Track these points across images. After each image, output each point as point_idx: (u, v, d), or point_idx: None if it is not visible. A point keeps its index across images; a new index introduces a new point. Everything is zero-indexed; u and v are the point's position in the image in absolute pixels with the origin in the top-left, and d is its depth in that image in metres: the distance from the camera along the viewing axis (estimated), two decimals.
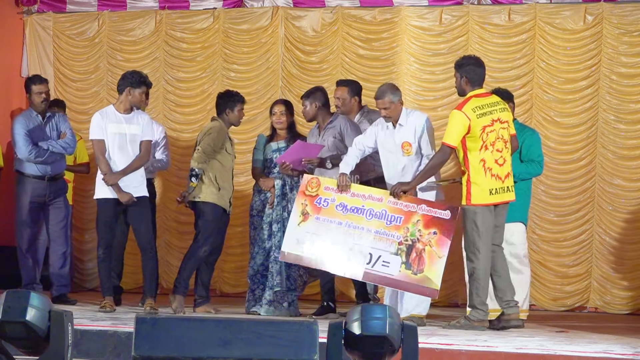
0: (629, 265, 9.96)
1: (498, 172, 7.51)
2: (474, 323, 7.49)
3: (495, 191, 7.51)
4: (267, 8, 10.80)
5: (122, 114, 8.30)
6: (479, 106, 7.51)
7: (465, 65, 7.61)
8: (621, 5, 10.05)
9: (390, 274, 7.49)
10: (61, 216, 9.09)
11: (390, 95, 7.78)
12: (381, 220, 7.58)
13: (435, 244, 7.48)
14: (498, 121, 7.54)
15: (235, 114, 8.47)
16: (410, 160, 7.78)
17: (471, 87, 7.60)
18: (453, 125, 7.46)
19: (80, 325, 6.74)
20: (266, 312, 8.36)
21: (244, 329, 4.28)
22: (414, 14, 10.46)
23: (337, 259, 7.66)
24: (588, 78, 10.10)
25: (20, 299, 4.29)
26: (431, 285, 7.46)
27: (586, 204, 10.07)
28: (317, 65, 10.70)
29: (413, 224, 7.52)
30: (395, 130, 7.81)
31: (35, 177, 8.93)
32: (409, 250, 7.50)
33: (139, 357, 4.21)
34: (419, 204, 7.57)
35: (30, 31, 11.29)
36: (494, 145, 7.50)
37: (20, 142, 8.87)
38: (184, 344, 4.24)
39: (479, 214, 7.49)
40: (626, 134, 10.05)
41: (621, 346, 6.80)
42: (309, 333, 4.26)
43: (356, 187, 7.80)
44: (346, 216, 7.67)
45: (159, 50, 11.06)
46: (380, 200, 7.63)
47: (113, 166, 8.22)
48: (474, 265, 7.56)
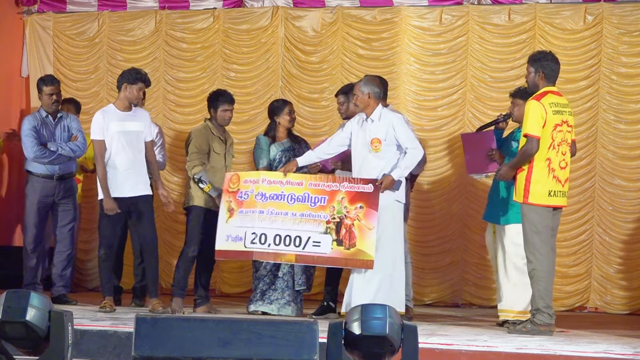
0: (629, 265, 9.97)
1: (559, 175, 7.39)
2: (540, 327, 7.31)
3: (554, 193, 7.38)
4: (267, 8, 10.81)
5: (122, 111, 8.28)
6: (554, 102, 7.39)
7: (542, 60, 7.46)
8: (621, 5, 10.05)
9: (323, 252, 7.67)
10: (69, 218, 9.07)
11: (362, 85, 7.86)
12: (305, 203, 7.75)
13: (363, 217, 7.62)
14: (566, 123, 7.44)
15: (219, 114, 8.41)
16: (376, 157, 7.79)
17: (546, 83, 7.45)
18: (533, 116, 7.29)
19: (80, 325, 6.74)
20: (279, 312, 8.40)
21: (244, 329, 4.27)
22: (414, 14, 10.46)
23: (267, 247, 7.78)
24: (588, 78, 10.10)
25: (20, 299, 4.29)
26: (365, 257, 7.60)
27: (586, 204, 10.07)
28: (317, 65, 10.70)
29: (338, 202, 7.68)
30: (367, 124, 7.85)
31: (44, 176, 8.92)
32: (337, 227, 7.66)
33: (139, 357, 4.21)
34: (341, 182, 7.72)
35: (30, 31, 11.29)
36: (560, 146, 7.39)
37: (27, 142, 8.86)
38: (184, 344, 4.23)
39: (537, 213, 7.36)
40: (626, 134, 10.05)
41: (621, 346, 6.80)
42: (309, 333, 4.26)
43: (292, 175, 7.90)
44: (267, 204, 7.82)
45: (159, 50, 11.06)
46: (300, 185, 7.80)
47: (118, 164, 8.19)
48: (534, 267, 7.38)
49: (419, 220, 10.37)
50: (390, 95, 10.36)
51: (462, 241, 10.28)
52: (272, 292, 8.48)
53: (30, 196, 8.97)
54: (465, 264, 10.26)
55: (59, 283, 9.06)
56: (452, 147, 10.31)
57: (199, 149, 8.31)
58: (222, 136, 8.46)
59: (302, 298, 8.57)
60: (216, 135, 8.40)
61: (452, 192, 10.34)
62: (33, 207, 8.96)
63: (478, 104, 10.26)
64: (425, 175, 10.28)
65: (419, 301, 10.18)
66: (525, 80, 7.67)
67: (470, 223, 10.16)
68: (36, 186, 8.94)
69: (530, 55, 7.63)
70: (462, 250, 10.27)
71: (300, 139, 8.85)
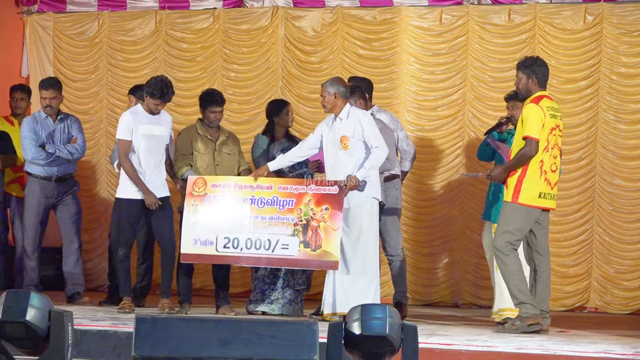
0: (629, 265, 9.97)
1: (550, 178, 7.44)
2: (529, 320, 7.32)
3: (544, 195, 7.43)
4: (267, 8, 10.80)
5: (149, 114, 8.29)
6: (550, 107, 7.47)
7: (534, 66, 7.51)
8: (621, 5, 10.05)
9: (291, 255, 7.79)
10: (72, 211, 9.05)
11: (329, 86, 7.95)
12: (274, 207, 7.87)
13: (328, 219, 7.74)
14: (558, 128, 7.52)
15: (206, 115, 8.40)
16: (346, 154, 7.86)
17: (539, 87, 7.52)
18: (533, 119, 7.34)
19: (80, 325, 6.74)
20: (281, 311, 8.41)
21: (244, 329, 4.28)
22: (414, 14, 10.46)
23: (240, 251, 7.86)
24: (588, 78, 10.10)
25: (20, 299, 4.29)
26: (330, 259, 7.73)
27: (586, 204, 10.08)
28: (317, 65, 10.70)
29: (305, 204, 7.80)
30: (335, 124, 7.95)
31: (42, 177, 8.92)
32: (304, 229, 7.78)
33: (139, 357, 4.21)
34: (308, 185, 7.86)
35: (30, 31, 11.29)
36: (552, 149, 7.46)
37: (25, 144, 8.89)
38: (184, 344, 4.24)
39: (522, 214, 7.40)
40: (626, 134, 10.05)
41: (621, 346, 6.80)
42: (309, 333, 4.26)
43: (262, 179, 7.98)
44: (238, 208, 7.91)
45: (159, 50, 11.06)
46: (269, 188, 7.91)
47: (141, 166, 8.21)
48: (505, 263, 7.42)
49: (419, 220, 10.37)
50: (390, 95, 10.41)
51: (462, 241, 10.27)
52: (272, 292, 8.48)
53: (30, 197, 8.98)
54: (465, 264, 10.25)
55: (72, 281, 9.03)
56: (452, 147, 10.31)
57: (180, 150, 8.37)
58: (210, 135, 8.40)
59: (302, 298, 8.58)
60: (202, 134, 8.37)
61: (452, 192, 10.34)
62: (33, 209, 8.96)
63: (478, 104, 10.26)
64: (425, 175, 10.30)
65: (419, 301, 10.19)
66: (516, 86, 7.68)
67: (470, 223, 10.16)
68: (35, 187, 8.94)
69: (519, 62, 7.64)
70: (462, 250, 10.27)
71: (298, 139, 8.85)
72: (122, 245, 8.33)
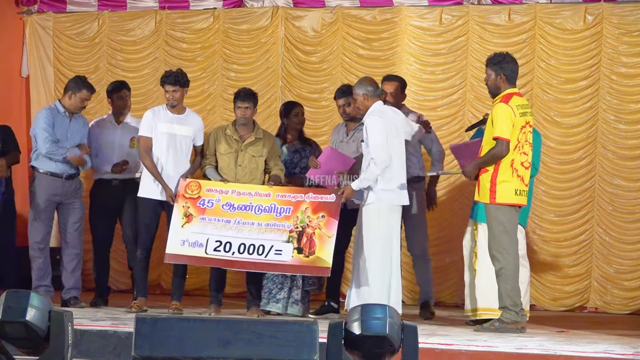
0: (629, 265, 9.97)
1: (523, 175, 7.46)
2: (508, 325, 7.35)
3: (519, 192, 7.46)
4: (267, 8, 10.81)
5: (172, 113, 8.30)
6: (520, 105, 7.46)
7: (502, 63, 7.49)
8: (621, 5, 10.05)
9: (283, 260, 7.84)
10: (77, 217, 8.84)
11: (357, 88, 7.96)
12: (271, 214, 7.94)
13: (324, 226, 7.83)
14: (528, 124, 7.51)
15: (235, 111, 8.42)
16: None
17: (508, 84, 7.50)
18: (503, 119, 7.35)
19: (80, 325, 6.74)
20: (290, 311, 8.45)
21: (244, 329, 4.28)
22: (414, 14, 10.46)
23: (230, 255, 7.89)
24: (588, 78, 10.10)
25: (20, 299, 4.29)
26: (323, 265, 7.78)
27: (586, 204, 10.08)
28: (317, 65, 10.71)
29: (302, 212, 7.89)
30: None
31: (51, 174, 8.69)
32: (299, 236, 7.85)
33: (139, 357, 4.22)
34: (306, 193, 7.96)
35: (30, 31, 11.28)
36: (523, 147, 7.46)
37: (41, 136, 8.60)
38: (184, 344, 4.24)
39: (504, 213, 7.43)
40: (626, 134, 10.05)
41: (621, 346, 6.80)
42: (309, 333, 4.26)
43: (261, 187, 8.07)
44: (235, 214, 7.98)
45: (159, 50, 11.06)
46: (268, 196, 7.98)
47: (160, 166, 8.22)
48: (502, 265, 7.43)
49: None
50: None
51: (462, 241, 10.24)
52: (279, 291, 8.50)
53: (38, 194, 8.71)
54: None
55: (68, 285, 8.89)
56: None
57: (206, 150, 8.38)
58: (239, 135, 8.30)
59: (309, 298, 8.60)
60: (229, 134, 8.29)
61: (452, 192, 10.34)
62: (41, 205, 8.73)
63: (478, 104, 10.25)
64: None
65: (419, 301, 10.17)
66: (485, 83, 7.68)
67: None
68: (43, 184, 8.65)
69: (488, 58, 7.65)
70: (462, 251, 10.24)
71: (312, 141, 8.88)
72: (140, 245, 8.34)
